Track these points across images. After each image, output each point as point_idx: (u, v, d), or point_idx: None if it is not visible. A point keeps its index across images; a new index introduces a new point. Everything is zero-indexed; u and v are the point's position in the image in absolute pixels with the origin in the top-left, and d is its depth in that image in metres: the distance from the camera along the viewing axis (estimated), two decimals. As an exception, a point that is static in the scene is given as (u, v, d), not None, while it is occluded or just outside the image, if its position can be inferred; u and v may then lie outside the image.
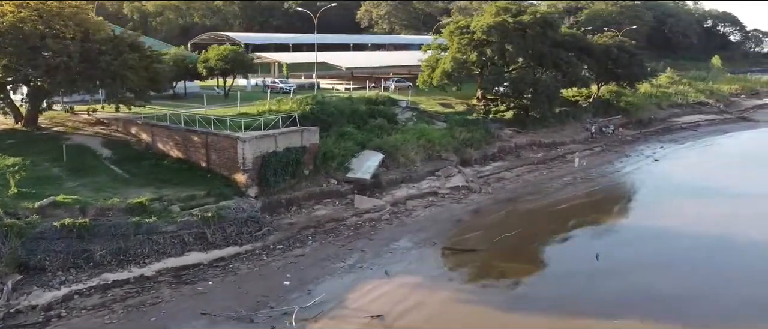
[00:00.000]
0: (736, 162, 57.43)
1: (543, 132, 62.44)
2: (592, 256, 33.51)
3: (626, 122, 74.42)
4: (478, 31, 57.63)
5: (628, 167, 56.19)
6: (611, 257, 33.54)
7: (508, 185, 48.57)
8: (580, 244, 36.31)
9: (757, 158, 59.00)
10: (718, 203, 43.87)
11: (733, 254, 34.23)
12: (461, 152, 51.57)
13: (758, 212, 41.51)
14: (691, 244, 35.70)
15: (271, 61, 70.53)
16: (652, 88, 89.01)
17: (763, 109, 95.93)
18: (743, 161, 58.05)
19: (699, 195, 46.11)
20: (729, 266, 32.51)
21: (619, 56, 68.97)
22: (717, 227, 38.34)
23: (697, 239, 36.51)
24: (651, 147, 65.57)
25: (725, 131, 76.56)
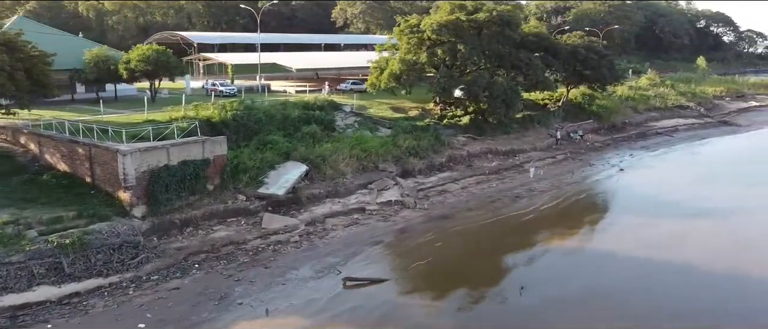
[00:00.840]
0: (705, 174, 52.36)
1: (502, 139, 57.58)
2: (516, 289, 28.63)
3: (597, 127, 69.47)
4: (428, 30, 52.65)
5: (589, 179, 51.13)
6: (538, 291, 28.61)
7: (450, 199, 43.62)
8: (506, 273, 31.41)
9: (728, 170, 53.93)
10: (674, 222, 38.88)
11: (677, 286, 29.26)
12: (403, 162, 46.73)
13: (715, 232, 36.61)
14: (635, 272, 30.83)
15: (218, 63, 65.51)
16: (630, 90, 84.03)
17: (747, 112, 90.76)
18: (713, 172, 52.99)
19: (656, 212, 41.11)
20: (670, 300, 27.54)
21: (587, 57, 63.91)
22: (667, 251, 33.42)
23: (643, 265, 31.65)
24: (620, 155, 60.54)
25: (703, 137, 71.39)
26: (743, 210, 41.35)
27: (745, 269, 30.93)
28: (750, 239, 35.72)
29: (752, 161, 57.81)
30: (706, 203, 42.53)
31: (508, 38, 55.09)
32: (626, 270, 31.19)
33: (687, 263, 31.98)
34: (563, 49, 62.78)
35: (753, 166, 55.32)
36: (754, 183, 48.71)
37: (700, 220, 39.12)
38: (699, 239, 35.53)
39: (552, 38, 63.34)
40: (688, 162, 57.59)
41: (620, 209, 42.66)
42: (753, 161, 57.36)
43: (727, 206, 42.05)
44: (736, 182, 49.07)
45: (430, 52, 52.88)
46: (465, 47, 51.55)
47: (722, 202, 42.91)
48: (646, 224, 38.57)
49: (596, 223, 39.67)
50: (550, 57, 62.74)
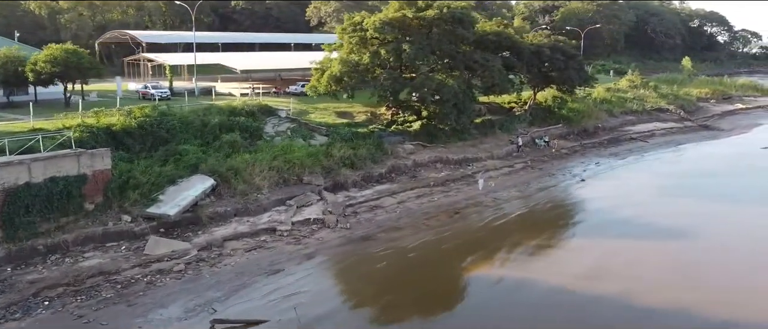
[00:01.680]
0: (670, 187, 47.47)
1: (456, 146, 52.80)
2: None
3: (567, 132, 64.57)
4: (371, 29, 47.81)
5: (543, 191, 46.28)
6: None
7: (381, 215, 38.83)
8: (398, 317, 26.52)
9: (696, 183, 49.02)
10: (622, 244, 34.17)
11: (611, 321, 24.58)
12: (335, 173, 41.98)
13: (662, 260, 31.75)
14: (567, 304, 26.07)
15: (158, 63, 60.73)
16: (607, 92, 79.08)
17: (732, 115, 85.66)
18: (679, 185, 48.12)
19: (605, 232, 36.39)
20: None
21: (552, 58, 58.98)
22: (606, 281, 28.65)
23: (576, 296, 26.86)
24: (586, 163, 55.64)
25: (679, 143, 66.35)
26: (699, 233, 36.43)
27: (685, 305, 26.14)
28: (698, 269, 30.89)
29: (725, 172, 52.87)
30: (661, 222, 37.69)
31: (460, 37, 50.16)
32: (557, 303, 26.43)
33: (625, 294, 27.24)
34: (526, 49, 57.83)
35: (724, 178, 50.44)
36: (720, 198, 43.94)
37: (651, 243, 34.33)
38: (644, 268, 30.69)
39: (514, 37, 58.43)
40: (656, 172, 52.60)
41: (568, 229, 37.93)
42: (726, 173, 52.44)
43: (683, 227, 37.13)
44: (701, 198, 44.23)
45: (373, 53, 47.96)
46: (410, 47, 46.67)
47: (678, 222, 38.04)
48: (590, 247, 33.88)
49: (535, 246, 34.75)
50: (513, 58, 57.92)
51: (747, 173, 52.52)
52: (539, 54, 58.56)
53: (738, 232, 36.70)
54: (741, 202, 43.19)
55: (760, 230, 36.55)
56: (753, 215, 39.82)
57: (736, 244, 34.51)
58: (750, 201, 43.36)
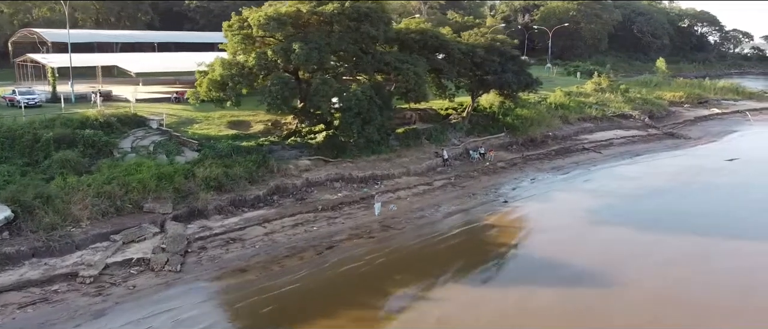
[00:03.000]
0: (606, 210, 40.09)
1: (368, 161, 45.29)
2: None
3: (509, 143, 56.85)
4: (255, 26, 40.32)
5: (453, 216, 38.83)
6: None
7: (233, 252, 31.40)
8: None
9: (638, 205, 41.40)
10: (518, 299, 26.57)
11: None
12: (193, 198, 34.52)
13: (557, 314, 24.21)
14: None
15: (46, 65, 53.35)
16: (566, 97, 71.32)
17: (705, 121, 77.68)
18: (617, 208, 40.65)
19: (504, 279, 29.09)
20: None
21: (486, 60, 51.28)
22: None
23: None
24: (520, 179, 48.04)
25: (637, 154, 58.52)
26: (615, 277, 28.88)
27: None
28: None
29: (675, 190, 45.26)
30: (575, 264, 30.29)
31: (366, 36, 42.58)
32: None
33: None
34: (456, 50, 50.12)
35: (670, 198, 42.84)
36: (654, 226, 36.31)
37: (555, 295, 26.71)
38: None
39: (443, 36, 50.68)
40: (595, 191, 44.94)
41: (459, 273, 30.18)
42: (675, 191, 44.84)
43: (596, 269, 29.54)
44: (635, 226, 36.72)
45: (259, 54, 40.43)
46: (301, 47, 39.08)
47: (594, 262, 30.47)
48: (477, 300, 26.33)
49: (408, 297, 27.21)
50: (441, 60, 50.30)
51: (698, 192, 44.88)
52: (471, 55, 50.78)
53: (663, 274, 29.13)
54: (677, 231, 35.58)
55: (682, 270, 28.99)
56: (681, 252, 32.26)
57: (657, 290, 26.92)
58: (686, 230, 35.76)
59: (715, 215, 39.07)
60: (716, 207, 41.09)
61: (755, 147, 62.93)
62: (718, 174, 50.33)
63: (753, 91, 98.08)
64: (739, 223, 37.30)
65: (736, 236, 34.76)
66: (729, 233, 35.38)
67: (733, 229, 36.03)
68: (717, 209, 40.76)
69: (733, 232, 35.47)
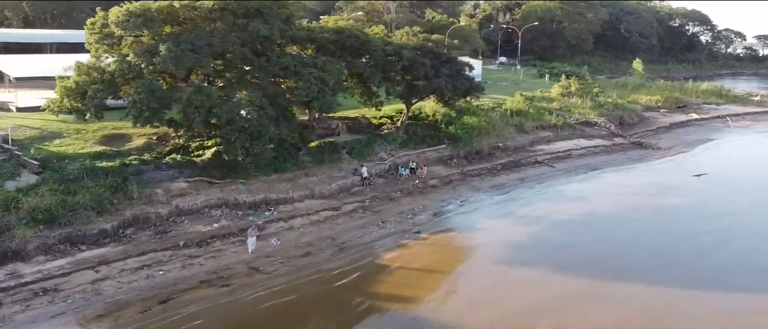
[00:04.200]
0: (532, 245, 33.22)
1: (265, 181, 38.21)
2: None
3: (450, 156, 49.64)
4: (113, 24, 33.17)
5: (346, 252, 31.79)
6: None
7: (33, 310, 24.26)
8: None
9: (572, 238, 34.24)
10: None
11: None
12: (8, 236, 27.32)
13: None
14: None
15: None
16: (525, 103, 63.93)
17: (681, 128, 70.20)
18: (547, 242, 33.77)
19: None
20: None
21: (415, 63, 44.02)
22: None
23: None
24: (448, 201, 40.94)
25: (594, 168, 51.16)
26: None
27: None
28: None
29: (623, 216, 38.08)
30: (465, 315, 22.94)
31: (259, 36, 35.36)
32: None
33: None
34: (379, 51, 42.86)
35: (613, 226, 35.73)
36: (580, 268, 29.02)
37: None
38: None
39: (365, 36, 43.44)
40: (530, 218, 37.81)
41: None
42: (622, 217, 37.65)
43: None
44: (556, 275, 29.35)
45: (120, 57, 33.29)
46: (169, 48, 31.90)
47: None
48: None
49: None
50: (363, 63, 43.09)
51: (647, 221, 37.70)
52: (398, 58, 43.52)
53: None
54: (610, 279, 28.37)
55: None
56: (606, 313, 24.98)
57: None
58: (621, 276, 28.54)
59: (656, 255, 31.84)
60: (660, 243, 33.79)
61: (729, 159, 55.55)
62: (679, 195, 43.05)
63: (737, 94, 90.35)
64: (679, 270, 30.03)
65: (668, 286, 27.57)
66: (661, 282, 28.17)
67: (670, 278, 28.81)
68: (659, 246, 33.46)
69: (669, 280, 28.27)
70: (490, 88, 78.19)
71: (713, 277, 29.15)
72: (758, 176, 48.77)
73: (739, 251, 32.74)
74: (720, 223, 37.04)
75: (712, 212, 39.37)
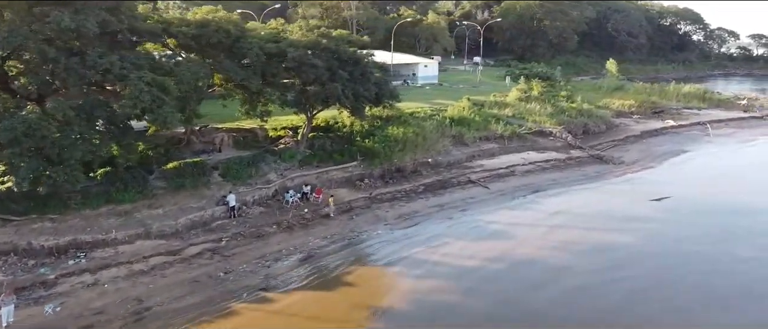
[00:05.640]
0: (415, 312, 23.43)
1: (86, 216, 29.07)
2: None
3: (362, 175, 40.50)
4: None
5: (143, 326, 22.28)
6: None
7: None
8: None
9: (472, 305, 24.76)
10: None
11: None
12: None
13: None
14: None
15: None
16: (471, 110, 54.54)
17: (652, 137, 60.60)
18: (436, 311, 23.94)
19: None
20: None
21: (305, 65, 34.72)
22: None
23: None
24: (334, 239, 31.88)
25: (536, 189, 41.84)
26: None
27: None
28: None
29: (540, 265, 28.63)
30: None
31: (61, 28, 26.15)
32: None
33: None
34: (256, 51, 33.56)
35: (522, 289, 26.20)
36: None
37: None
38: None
39: (237, 31, 34.12)
40: (422, 269, 28.66)
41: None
42: (538, 268, 28.20)
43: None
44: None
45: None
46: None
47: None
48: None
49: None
50: (236, 66, 33.78)
51: (575, 267, 28.32)
52: (282, 58, 34.27)
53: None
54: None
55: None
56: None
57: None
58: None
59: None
60: (582, 309, 24.42)
61: (700, 177, 46.02)
62: (627, 228, 33.68)
63: (722, 98, 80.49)
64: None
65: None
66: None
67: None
68: (580, 313, 24.09)
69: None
70: (441, 91, 69.16)
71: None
72: (729, 200, 39.32)
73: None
74: (671, 276, 27.75)
75: (662, 258, 30.09)
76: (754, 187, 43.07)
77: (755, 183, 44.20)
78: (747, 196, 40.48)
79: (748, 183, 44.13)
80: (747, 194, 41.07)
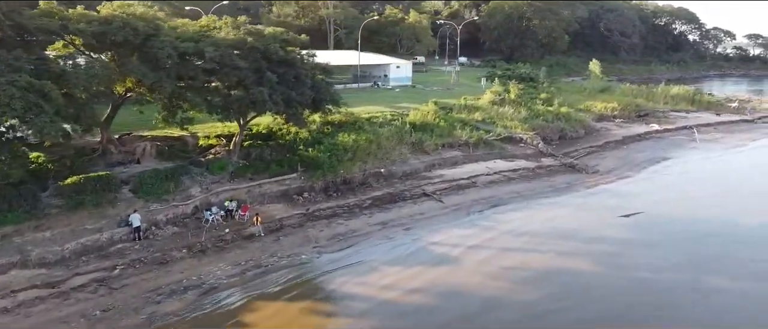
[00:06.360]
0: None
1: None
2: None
3: (301, 188, 36.17)
4: None
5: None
6: None
7: None
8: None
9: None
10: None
11: None
12: None
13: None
14: None
15: None
16: (437, 115, 50.21)
17: (634, 143, 56.31)
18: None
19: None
20: None
21: (225, 66, 30.41)
22: None
23: None
24: (253, 263, 27.42)
25: (496, 203, 37.53)
26: None
27: None
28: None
29: (472, 299, 24.18)
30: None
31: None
32: None
33: None
34: (167, 50, 29.24)
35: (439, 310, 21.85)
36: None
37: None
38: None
39: (147, 27, 29.82)
40: (333, 308, 24.18)
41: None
42: (465, 305, 23.76)
43: None
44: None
45: None
46: None
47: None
48: None
49: None
50: (142, 65, 29.49)
51: (520, 306, 23.78)
52: (198, 58, 29.97)
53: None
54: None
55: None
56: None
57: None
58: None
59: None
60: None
61: (678, 189, 41.62)
62: (589, 252, 29.38)
63: (712, 100, 75.97)
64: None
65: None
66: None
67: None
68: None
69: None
70: (412, 94, 64.88)
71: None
72: (705, 218, 34.88)
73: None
74: (615, 310, 23.48)
75: (612, 288, 25.78)
76: (736, 202, 38.65)
77: (737, 197, 39.76)
78: (726, 212, 36.12)
79: (730, 197, 39.73)
80: (727, 209, 36.72)
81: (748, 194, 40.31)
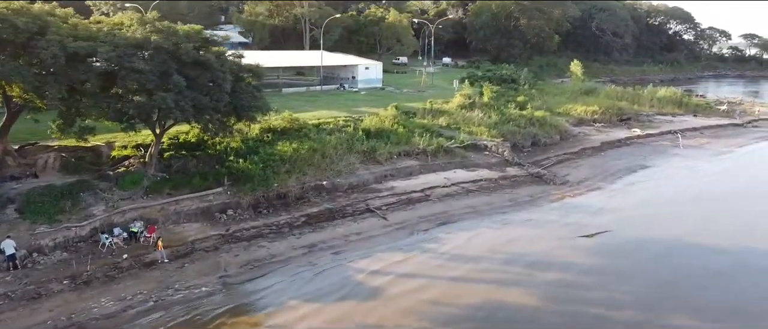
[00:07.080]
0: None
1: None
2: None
3: (226, 204, 31.94)
4: None
5: None
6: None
7: None
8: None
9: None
10: None
11: None
12: None
13: None
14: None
15: None
16: (395, 120, 45.98)
17: (612, 149, 51.99)
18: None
19: None
20: None
21: (123, 69, 26.23)
22: None
23: None
24: (131, 300, 23.17)
25: (445, 221, 33.33)
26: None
27: None
28: None
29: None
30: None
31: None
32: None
33: None
34: (53, 50, 25.05)
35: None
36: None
37: None
38: None
39: (30, 24, 25.63)
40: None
41: None
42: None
43: None
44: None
45: None
46: None
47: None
48: None
49: None
50: (25, 67, 25.34)
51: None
52: (88, 60, 25.77)
53: None
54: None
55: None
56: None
57: None
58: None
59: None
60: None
61: (652, 203, 37.24)
62: (529, 281, 25.19)
63: (700, 103, 71.59)
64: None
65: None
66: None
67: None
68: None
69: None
70: (379, 97, 60.65)
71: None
72: (678, 239, 30.55)
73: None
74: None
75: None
76: (714, 219, 34.30)
77: (717, 214, 35.39)
78: (701, 231, 31.80)
79: (709, 214, 35.37)
80: (702, 227, 32.40)
81: (728, 211, 35.97)
